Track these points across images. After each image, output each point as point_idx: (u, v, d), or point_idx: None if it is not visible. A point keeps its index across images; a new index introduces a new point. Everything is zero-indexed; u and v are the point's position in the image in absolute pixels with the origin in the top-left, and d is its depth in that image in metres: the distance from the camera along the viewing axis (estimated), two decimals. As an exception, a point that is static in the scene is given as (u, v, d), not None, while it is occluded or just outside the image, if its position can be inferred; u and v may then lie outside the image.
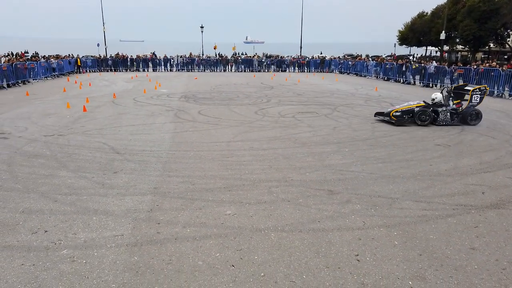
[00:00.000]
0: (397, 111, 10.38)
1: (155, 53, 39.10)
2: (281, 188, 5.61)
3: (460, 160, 7.15)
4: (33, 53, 40.89)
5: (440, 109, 10.30)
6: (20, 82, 20.64)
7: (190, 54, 36.19)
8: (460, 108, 10.54)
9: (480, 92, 10.42)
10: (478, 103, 10.55)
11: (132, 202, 5.02)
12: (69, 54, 32.52)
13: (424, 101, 10.80)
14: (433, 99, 10.54)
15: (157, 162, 6.82)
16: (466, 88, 10.74)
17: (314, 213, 4.77)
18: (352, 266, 3.62)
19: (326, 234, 4.23)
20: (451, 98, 10.76)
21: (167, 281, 3.35)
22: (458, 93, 10.79)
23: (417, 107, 10.39)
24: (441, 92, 10.91)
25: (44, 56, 31.09)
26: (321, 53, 50.65)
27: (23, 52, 35.36)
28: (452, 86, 11.65)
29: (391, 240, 4.12)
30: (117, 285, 3.28)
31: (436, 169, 6.54)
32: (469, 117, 10.29)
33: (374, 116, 11.29)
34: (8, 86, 19.35)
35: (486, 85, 11.41)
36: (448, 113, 10.31)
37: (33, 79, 22.60)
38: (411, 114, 10.34)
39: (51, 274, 3.41)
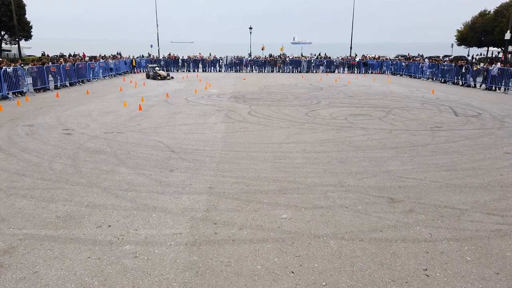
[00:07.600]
0: None
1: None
2: (337, 193, 5.42)
3: (536, 170, 6.52)
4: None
5: None
6: (80, 81, 21.97)
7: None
8: None
9: None
10: None
11: (189, 201, 5.08)
12: (130, 56, 34.08)
13: None
14: None
15: (210, 162, 6.88)
16: None
17: (374, 221, 4.54)
18: (421, 281, 3.38)
19: (390, 244, 4.00)
20: None
21: (226, 284, 3.31)
22: None
23: None
24: None
25: (104, 56, 32.86)
26: (380, 56, 48.67)
27: (84, 53, 37.89)
28: None
29: (462, 255, 3.81)
30: (178, 284, 3.30)
31: (508, 180, 6.01)
32: None
33: None
34: (71, 85, 20.67)
35: None
36: None
37: (93, 79, 23.95)
38: None
39: (116, 269, 3.50)
